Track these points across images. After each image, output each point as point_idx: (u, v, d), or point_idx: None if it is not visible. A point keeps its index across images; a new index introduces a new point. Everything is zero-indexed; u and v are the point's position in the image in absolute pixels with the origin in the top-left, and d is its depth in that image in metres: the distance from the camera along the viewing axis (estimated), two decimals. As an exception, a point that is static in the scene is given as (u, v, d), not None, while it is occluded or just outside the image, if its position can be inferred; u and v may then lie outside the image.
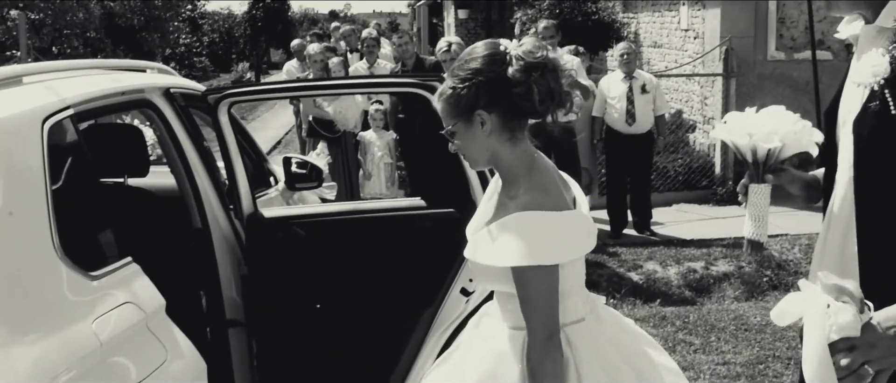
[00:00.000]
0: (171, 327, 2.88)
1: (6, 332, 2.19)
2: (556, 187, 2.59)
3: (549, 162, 2.69)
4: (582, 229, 2.57)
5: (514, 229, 2.49)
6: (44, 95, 2.77)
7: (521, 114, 2.57)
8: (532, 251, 2.46)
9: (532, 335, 2.52)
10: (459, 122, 2.59)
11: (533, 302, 2.51)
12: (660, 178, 10.85)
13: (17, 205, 2.39)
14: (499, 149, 2.60)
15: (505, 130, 2.57)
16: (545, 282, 2.50)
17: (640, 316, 6.88)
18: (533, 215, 2.49)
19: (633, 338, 2.85)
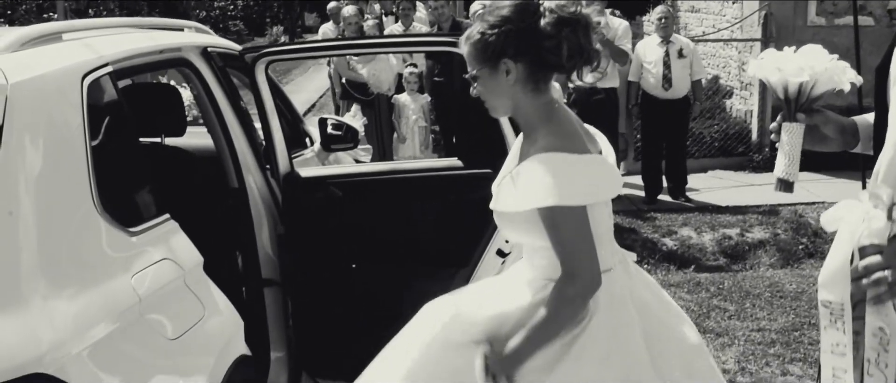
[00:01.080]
0: (209, 284, 2.90)
1: (47, 286, 2.21)
2: (578, 135, 2.58)
3: (571, 113, 2.68)
4: (606, 173, 2.56)
5: (536, 171, 2.47)
6: (83, 52, 2.77)
7: (547, 67, 2.57)
8: (555, 191, 2.43)
9: (570, 277, 2.47)
10: (484, 69, 2.59)
11: (566, 245, 2.48)
12: (695, 144, 10.75)
13: (57, 160, 2.40)
14: (521, 99, 2.59)
15: (529, 81, 2.57)
16: (574, 223, 2.47)
17: (674, 281, 6.86)
18: (554, 156, 2.47)
19: (662, 306, 2.80)
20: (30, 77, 2.43)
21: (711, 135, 11.09)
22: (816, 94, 2.51)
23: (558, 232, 2.48)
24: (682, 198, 9.36)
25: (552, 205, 2.44)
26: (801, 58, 2.54)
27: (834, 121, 2.55)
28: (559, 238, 2.49)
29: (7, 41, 2.54)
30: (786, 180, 2.51)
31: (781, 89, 2.52)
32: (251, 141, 4.00)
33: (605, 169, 2.57)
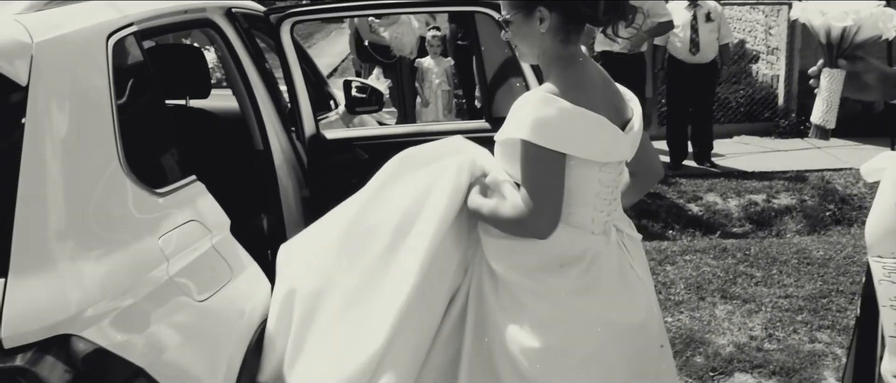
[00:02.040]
0: (236, 246, 2.87)
1: (75, 247, 2.19)
2: (586, 89, 2.56)
3: (597, 71, 2.66)
4: (600, 134, 2.54)
5: (526, 105, 2.51)
6: (108, 11, 2.74)
7: (581, 18, 2.57)
8: (532, 127, 2.48)
9: (524, 213, 2.54)
10: (519, 14, 2.60)
11: (529, 182, 2.54)
12: (721, 110, 10.65)
13: (83, 121, 2.37)
14: (549, 47, 2.60)
15: (560, 31, 2.57)
16: (543, 165, 2.51)
17: (700, 247, 6.80)
18: (547, 97, 2.50)
19: (628, 302, 2.73)
20: (55, 36, 2.40)
21: (737, 100, 10.99)
22: (859, 40, 2.45)
23: (526, 167, 2.53)
24: (708, 164, 9.29)
25: (524, 138, 2.49)
26: (845, 3, 2.48)
27: (876, 70, 2.48)
28: (525, 173, 2.54)
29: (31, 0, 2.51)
30: (822, 127, 2.47)
31: (824, 34, 2.47)
32: (276, 103, 3.97)
33: (602, 130, 2.54)
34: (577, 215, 2.65)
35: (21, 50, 2.27)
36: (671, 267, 6.40)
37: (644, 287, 2.76)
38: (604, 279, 2.65)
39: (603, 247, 2.67)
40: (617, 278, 2.68)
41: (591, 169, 2.60)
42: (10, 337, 1.97)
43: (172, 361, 2.35)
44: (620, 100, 2.70)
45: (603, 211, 2.67)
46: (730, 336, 5.13)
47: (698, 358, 4.86)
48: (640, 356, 2.71)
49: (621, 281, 2.69)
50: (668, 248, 6.81)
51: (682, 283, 6.02)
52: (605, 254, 2.67)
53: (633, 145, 2.68)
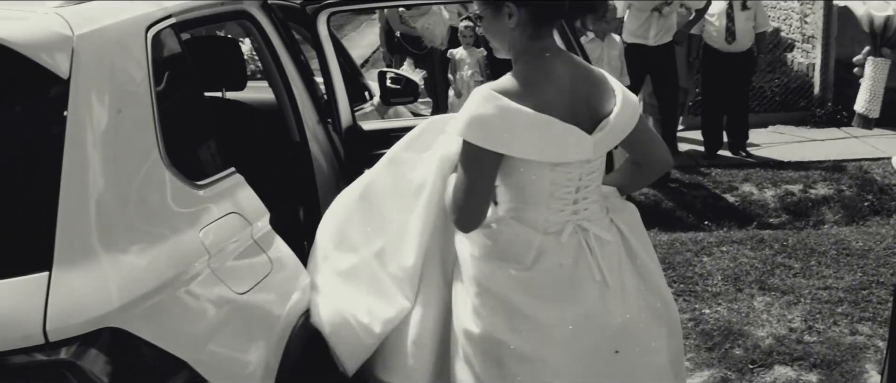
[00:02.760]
0: (275, 239, 2.87)
1: (117, 240, 2.19)
2: (547, 87, 2.55)
3: (571, 68, 2.64)
4: (547, 136, 2.53)
5: (469, 102, 2.54)
6: (146, 4, 2.73)
7: (549, 13, 2.57)
8: (465, 124, 2.51)
9: (450, 199, 2.65)
10: (488, 9, 2.63)
11: (460, 176, 2.59)
12: (755, 99, 10.53)
13: (123, 114, 2.37)
14: (519, 42, 2.61)
15: (529, 26, 2.58)
16: (472, 161, 2.54)
17: (736, 238, 6.74)
18: (490, 94, 2.51)
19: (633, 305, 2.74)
20: (95, 29, 2.39)
21: (772, 89, 10.87)
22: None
23: (460, 163, 2.58)
24: (743, 154, 9.19)
25: (459, 135, 2.53)
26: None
27: None
28: (459, 169, 2.59)
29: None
30: (865, 116, 2.44)
31: (867, 22, 2.43)
32: (312, 94, 3.95)
33: (547, 130, 2.53)
34: (528, 213, 2.66)
35: (62, 43, 2.27)
36: (708, 258, 6.35)
37: (603, 289, 2.69)
38: (545, 278, 2.65)
39: (551, 247, 2.66)
40: (562, 279, 2.66)
41: (542, 169, 2.60)
42: (55, 330, 1.97)
43: (214, 354, 2.35)
44: (597, 98, 2.66)
45: (561, 211, 2.67)
46: (769, 328, 5.07)
47: (737, 350, 4.82)
48: (587, 357, 2.67)
49: (568, 282, 2.66)
50: (704, 239, 6.76)
51: (720, 275, 5.97)
52: (553, 253, 2.66)
53: (604, 144, 2.66)
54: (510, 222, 2.67)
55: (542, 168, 2.60)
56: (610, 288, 2.69)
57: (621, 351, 2.71)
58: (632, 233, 2.84)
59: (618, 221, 2.82)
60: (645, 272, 2.82)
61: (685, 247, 6.58)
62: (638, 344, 2.75)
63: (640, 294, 2.78)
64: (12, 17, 2.36)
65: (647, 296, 2.80)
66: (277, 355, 2.63)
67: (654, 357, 2.80)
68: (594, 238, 2.70)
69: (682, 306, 5.51)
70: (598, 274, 2.67)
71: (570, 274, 2.66)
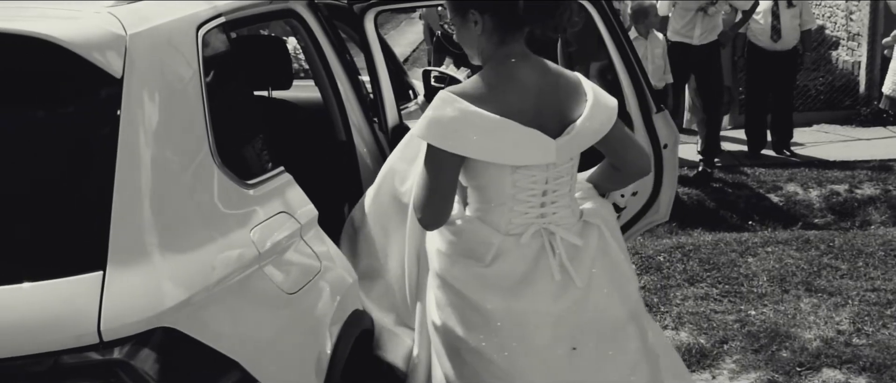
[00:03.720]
0: (324, 238, 2.86)
1: (170, 240, 2.19)
2: (510, 91, 2.63)
3: (537, 73, 2.70)
4: (506, 138, 2.60)
5: (431, 105, 2.63)
6: (197, 3, 2.74)
7: (509, 21, 2.65)
8: (424, 125, 2.60)
9: (414, 197, 2.75)
10: (456, 18, 2.73)
11: (422, 175, 2.68)
12: (799, 97, 10.42)
13: (175, 113, 2.37)
14: (486, 49, 2.70)
15: (495, 33, 2.67)
16: (432, 162, 2.63)
17: (781, 239, 6.66)
18: (450, 97, 2.60)
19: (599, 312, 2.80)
20: (148, 28, 2.40)
21: (816, 87, 10.74)
22: None
23: (423, 162, 2.67)
24: (787, 153, 9.09)
25: (419, 136, 2.64)
26: None
27: None
28: (422, 168, 2.68)
29: None
30: (894, 98, 2.36)
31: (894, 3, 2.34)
32: (358, 93, 3.94)
33: (506, 133, 2.60)
34: (492, 214, 2.75)
35: (115, 42, 2.28)
36: (753, 258, 6.28)
37: (563, 289, 2.74)
38: (500, 276, 2.72)
39: (510, 248, 2.73)
40: (516, 276, 2.73)
41: (503, 171, 2.68)
42: (109, 330, 1.97)
43: (266, 354, 2.35)
44: (565, 103, 2.72)
45: (526, 213, 2.74)
46: (816, 330, 5.00)
47: (784, 352, 4.75)
48: (540, 352, 2.74)
49: (522, 279, 2.72)
50: (748, 240, 6.68)
51: (765, 276, 5.90)
52: (511, 253, 2.73)
53: (570, 148, 2.72)
54: (474, 221, 2.77)
55: (503, 170, 2.68)
56: (576, 288, 2.75)
57: (581, 349, 2.76)
58: (610, 231, 2.91)
59: (596, 220, 2.88)
60: (617, 272, 2.88)
61: (730, 247, 6.51)
62: (605, 342, 2.81)
63: (610, 294, 2.83)
64: (66, 17, 2.38)
65: (617, 296, 2.86)
66: (327, 354, 2.63)
67: (623, 355, 2.85)
68: (560, 241, 2.76)
69: (726, 307, 5.45)
70: (559, 275, 2.73)
71: (526, 271, 2.73)
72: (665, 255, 6.38)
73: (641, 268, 6.17)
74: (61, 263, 2.04)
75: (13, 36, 2.18)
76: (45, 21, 2.31)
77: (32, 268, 2.02)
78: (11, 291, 1.99)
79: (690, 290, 5.78)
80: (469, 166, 2.68)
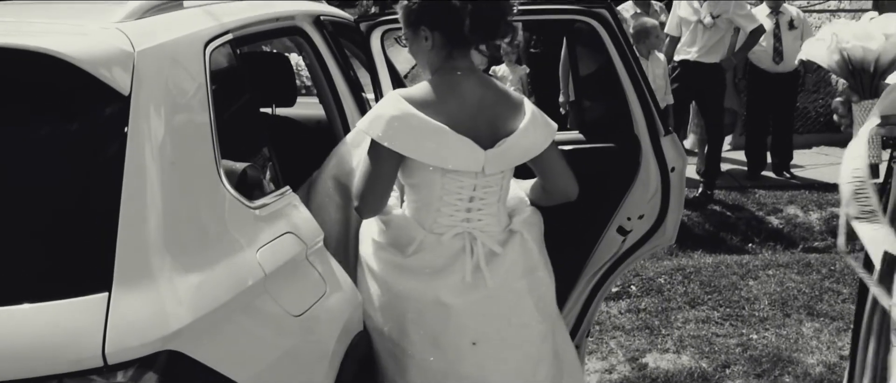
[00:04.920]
0: (329, 259, 2.83)
1: (176, 261, 2.15)
2: (450, 101, 2.83)
3: (479, 88, 2.89)
4: (439, 143, 2.78)
5: (380, 102, 2.87)
6: (204, 20, 2.71)
7: (458, 37, 2.83)
8: (368, 119, 2.81)
9: (353, 195, 2.90)
10: (409, 33, 2.94)
11: (361, 165, 2.86)
12: (800, 119, 10.40)
13: (183, 132, 2.34)
14: (435, 63, 2.90)
15: (444, 48, 2.87)
16: (371, 155, 2.81)
17: (782, 262, 6.64)
18: (396, 97, 2.81)
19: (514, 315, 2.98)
20: (155, 45, 2.37)
21: (816, 109, 10.72)
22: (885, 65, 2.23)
23: (367, 153, 2.84)
24: (787, 175, 9.07)
25: (362, 129, 2.82)
26: (860, 27, 2.28)
27: None
28: (365, 158, 2.85)
29: (130, 9, 2.48)
30: (874, 163, 2.28)
31: (843, 68, 2.25)
32: (362, 110, 3.90)
33: (439, 138, 2.78)
34: (420, 212, 2.94)
35: (123, 59, 2.24)
36: (754, 282, 6.25)
37: (471, 290, 2.91)
38: (419, 269, 2.92)
39: (431, 244, 2.93)
40: (435, 271, 2.91)
41: (434, 174, 2.86)
42: (114, 353, 1.93)
43: (271, 377, 2.31)
44: (502, 118, 2.91)
45: (451, 216, 2.93)
46: (819, 355, 4.97)
47: (787, 377, 4.72)
48: (439, 339, 2.92)
49: (434, 273, 2.91)
50: (749, 262, 6.66)
51: (766, 299, 5.87)
52: (434, 250, 2.92)
53: (501, 161, 2.89)
54: (405, 215, 2.98)
55: (434, 172, 2.86)
56: (486, 288, 2.92)
57: (482, 344, 2.95)
58: (532, 238, 3.08)
59: (520, 228, 3.05)
60: (533, 278, 3.05)
61: (730, 270, 6.49)
62: (509, 341, 3.00)
63: (522, 298, 3.01)
64: (73, 33, 2.35)
65: (529, 300, 3.03)
66: (332, 376, 2.59)
67: (528, 355, 3.05)
68: (481, 246, 2.94)
69: (728, 331, 5.42)
70: (470, 277, 2.91)
71: (443, 266, 2.92)
72: (666, 277, 6.34)
73: (642, 289, 6.14)
74: (66, 284, 2.00)
75: (20, 51, 2.15)
76: (53, 36, 2.29)
77: (36, 289, 1.99)
78: (15, 312, 1.95)
79: (692, 313, 5.74)
80: (406, 164, 2.86)
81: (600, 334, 5.42)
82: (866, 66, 2.18)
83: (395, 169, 2.86)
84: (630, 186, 3.84)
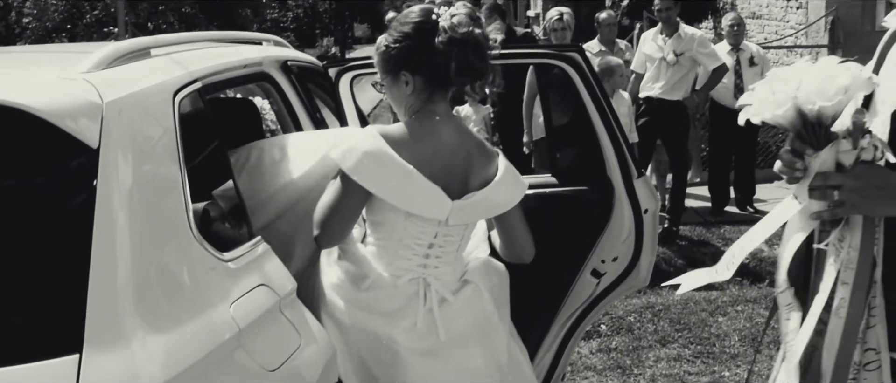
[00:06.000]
0: (303, 311, 2.76)
1: (148, 318, 2.07)
2: (425, 145, 2.82)
3: (454, 135, 2.88)
4: (407, 186, 2.76)
5: (357, 135, 2.84)
6: (172, 68, 2.65)
7: (440, 81, 2.83)
8: (342, 149, 2.77)
9: (315, 224, 2.85)
10: (388, 77, 2.92)
11: (326, 194, 2.83)
12: (761, 154, 10.49)
13: (154, 184, 2.28)
14: (415, 106, 2.89)
15: (424, 92, 2.86)
16: (340, 186, 2.79)
17: (750, 297, 6.66)
18: (372, 133, 2.79)
19: None
20: (123, 95, 2.30)
21: (777, 144, 10.82)
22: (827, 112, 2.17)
23: (335, 183, 2.82)
24: (750, 209, 9.13)
25: (334, 158, 2.78)
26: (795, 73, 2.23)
27: None
28: (333, 186, 2.83)
29: (97, 58, 2.42)
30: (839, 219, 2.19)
31: (794, 124, 2.20)
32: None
33: (408, 181, 2.77)
34: (379, 250, 2.93)
35: (91, 110, 2.18)
36: (723, 318, 6.25)
37: (426, 335, 2.89)
38: (374, 306, 2.90)
39: (385, 284, 2.90)
40: (390, 312, 2.89)
41: (398, 215, 2.85)
42: (85, 417, 1.86)
43: (247, 436, 2.24)
44: (475, 170, 2.90)
45: (408, 260, 2.91)
46: (792, 392, 4.95)
47: (762, 415, 4.70)
48: (371, 375, 2.92)
49: (393, 316, 2.89)
50: (717, 298, 6.66)
51: (737, 335, 5.87)
52: (388, 290, 2.90)
53: (466, 213, 2.89)
54: (362, 251, 2.96)
55: (398, 214, 2.84)
56: (438, 337, 2.90)
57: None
58: (486, 287, 3.03)
59: (474, 278, 3.02)
60: (487, 326, 3.01)
61: (699, 306, 6.49)
62: None
63: (473, 347, 2.98)
64: (38, 84, 2.29)
65: (480, 348, 3.00)
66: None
67: None
68: (435, 293, 2.92)
69: (700, 368, 5.40)
70: (421, 323, 2.88)
71: (396, 308, 2.90)
72: (635, 316, 6.33)
73: (613, 328, 6.12)
74: (35, 347, 1.92)
75: (-18, 104, 2.08)
76: (16, 88, 2.22)
77: (5, 352, 1.90)
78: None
79: (663, 351, 5.72)
80: (372, 200, 2.84)
81: (572, 374, 5.38)
82: (823, 120, 2.14)
83: (362, 203, 2.84)
84: (604, 229, 3.82)
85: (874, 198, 2.09)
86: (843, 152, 2.11)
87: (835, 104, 2.11)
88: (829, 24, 10.76)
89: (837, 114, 2.13)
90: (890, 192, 2.09)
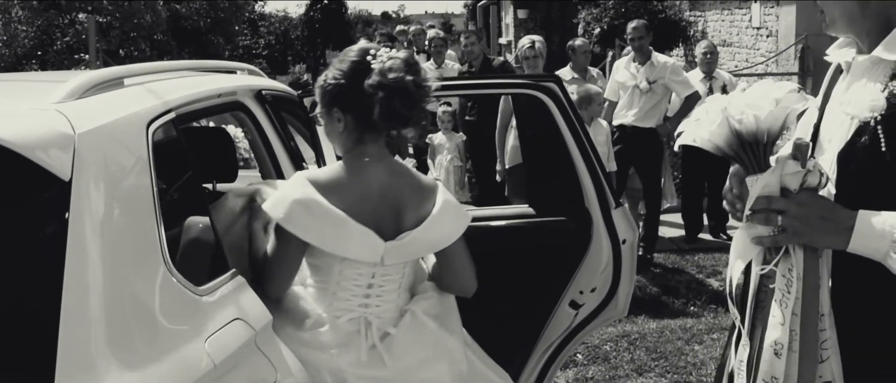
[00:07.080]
0: (278, 343, 2.71)
1: (121, 356, 2.02)
2: (354, 189, 2.82)
3: (383, 177, 2.87)
4: (338, 231, 2.76)
5: (286, 183, 2.88)
6: (146, 98, 2.61)
7: (369, 123, 2.81)
8: (272, 201, 2.77)
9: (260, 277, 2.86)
10: (324, 115, 2.93)
11: (271, 242, 2.84)
12: (734, 181, 10.54)
13: (127, 217, 2.23)
14: (346, 145, 2.90)
15: (355, 131, 2.86)
16: (276, 237, 2.80)
17: (725, 325, 6.63)
18: (302, 181, 2.79)
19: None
20: (96, 126, 2.26)
21: (749, 171, 10.90)
22: (766, 128, 2.16)
23: (274, 233, 2.83)
24: (723, 236, 9.15)
25: (266, 209, 2.78)
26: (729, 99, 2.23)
27: None
28: (272, 236, 2.84)
29: (70, 88, 2.38)
30: None
31: (732, 145, 2.19)
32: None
33: (338, 227, 2.75)
34: (319, 293, 2.92)
35: (63, 142, 2.13)
36: (699, 346, 6.24)
37: (373, 365, 2.87)
38: (317, 343, 2.85)
39: (327, 323, 2.88)
40: (334, 347, 2.86)
41: (333, 259, 2.85)
42: (57, 458, 1.81)
43: None
44: (409, 209, 2.89)
45: (347, 301, 2.90)
46: (769, 421, 4.93)
47: (739, 445, 4.67)
48: None
49: (338, 350, 2.86)
50: (693, 326, 6.65)
51: (713, 364, 5.85)
52: (329, 330, 2.87)
53: (402, 253, 2.87)
54: (302, 294, 2.95)
55: (333, 259, 2.85)
56: (386, 368, 2.87)
57: None
58: (431, 318, 3.00)
59: (414, 308, 2.99)
60: (439, 344, 2.99)
61: (675, 335, 6.47)
62: None
63: (428, 376, 2.95)
64: (10, 114, 2.24)
65: (446, 375, 2.98)
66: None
67: None
68: (376, 330, 2.90)
69: (677, 398, 5.37)
70: (365, 357, 2.86)
71: (339, 344, 2.87)
72: (612, 345, 6.30)
73: (589, 358, 6.08)
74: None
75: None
76: (-14, 119, 2.17)
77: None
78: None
79: (639, 381, 5.70)
80: (311, 247, 2.83)
81: (549, 405, 5.33)
82: (759, 136, 2.13)
83: (301, 249, 2.83)
84: (582, 259, 3.80)
85: (817, 229, 2.07)
86: (788, 174, 2.08)
87: (767, 116, 2.11)
88: (799, 52, 10.84)
89: (773, 130, 2.12)
90: (833, 224, 2.06)
